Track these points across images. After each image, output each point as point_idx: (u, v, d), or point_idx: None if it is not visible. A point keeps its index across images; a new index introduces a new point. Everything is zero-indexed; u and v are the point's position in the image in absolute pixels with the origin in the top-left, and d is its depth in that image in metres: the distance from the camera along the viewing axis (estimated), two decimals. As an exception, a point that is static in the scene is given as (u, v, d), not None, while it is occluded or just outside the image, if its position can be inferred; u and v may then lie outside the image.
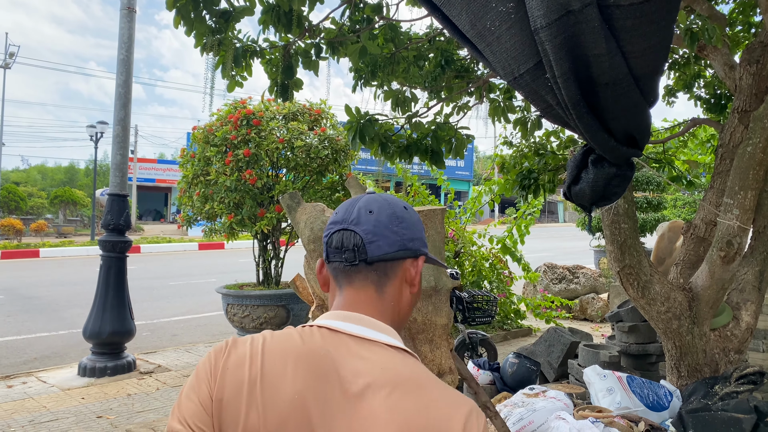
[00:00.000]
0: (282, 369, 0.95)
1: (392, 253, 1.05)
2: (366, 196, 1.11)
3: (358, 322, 1.02)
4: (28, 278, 14.20)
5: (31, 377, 6.08)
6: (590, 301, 8.92)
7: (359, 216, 1.06)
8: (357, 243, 1.05)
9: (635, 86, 2.02)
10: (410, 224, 1.09)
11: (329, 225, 1.10)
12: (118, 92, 6.30)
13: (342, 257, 1.06)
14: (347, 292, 1.07)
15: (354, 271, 1.06)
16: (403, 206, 1.11)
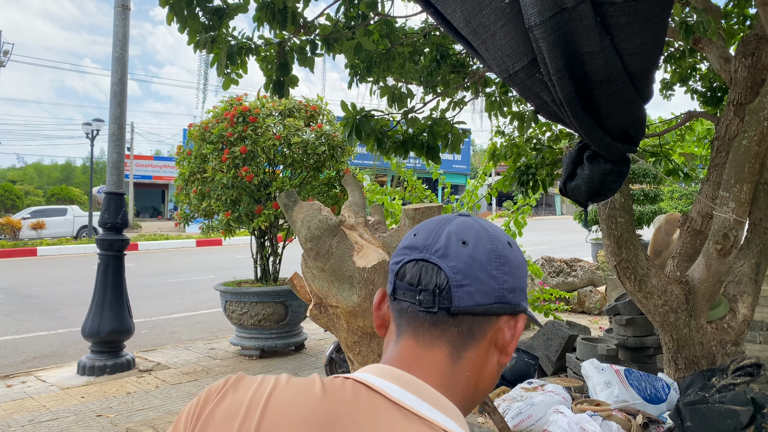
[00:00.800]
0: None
1: (486, 306, 0.78)
2: (459, 219, 0.84)
3: (411, 388, 0.74)
4: (26, 277, 14.19)
5: (31, 376, 6.09)
6: (588, 294, 8.94)
7: (448, 246, 0.79)
8: (440, 284, 0.78)
9: (630, 83, 2.02)
10: (514, 268, 0.82)
11: (403, 249, 0.83)
12: (113, 90, 6.29)
13: (416, 298, 0.79)
14: (409, 344, 0.79)
15: (428, 321, 0.78)
16: (507, 242, 0.83)
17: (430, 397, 0.74)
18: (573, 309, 9.04)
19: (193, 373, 6.17)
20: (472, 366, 0.80)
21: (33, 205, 32.03)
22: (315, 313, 2.25)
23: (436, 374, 0.77)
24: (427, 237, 0.81)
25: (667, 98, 6.65)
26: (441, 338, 0.78)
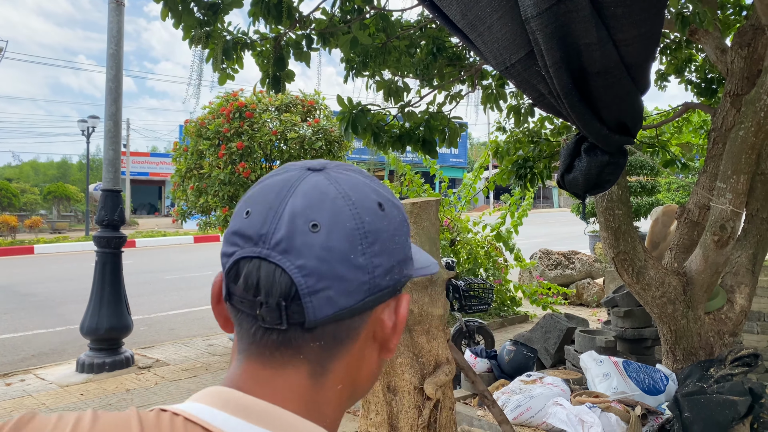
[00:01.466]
0: None
1: (352, 308, 0.58)
2: (306, 185, 0.59)
3: (262, 420, 0.56)
4: (24, 275, 14.16)
5: (30, 374, 6.08)
6: (586, 287, 8.96)
7: (293, 233, 0.56)
8: (286, 293, 0.56)
9: (627, 74, 2.02)
10: (388, 239, 0.60)
11: (232, 235, 0.60)
12: (108, 87, 6.26)
13: (255, 311, 0.57)
14: (253, 367, 0.60)
15: (275, 341, 0.58)
16: (378, 203, 0.61)
17: (286, 425, 0.56)
18: (571, 301, 9.06)
19: (192, 369, 6.17)
20: (345, 377, 0.62)
21: (29, 203, 31.95)
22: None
23: (293, 398, 0.58)
24: (264, 219, 0.57)
25: (662, 89, 6.65)
26: (296, 357, 0.58)
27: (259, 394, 0.58)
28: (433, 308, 2.21)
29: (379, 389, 2.18)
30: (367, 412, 2.26)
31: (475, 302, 5.90)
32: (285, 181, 0.60)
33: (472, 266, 7.66)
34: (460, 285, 5.86)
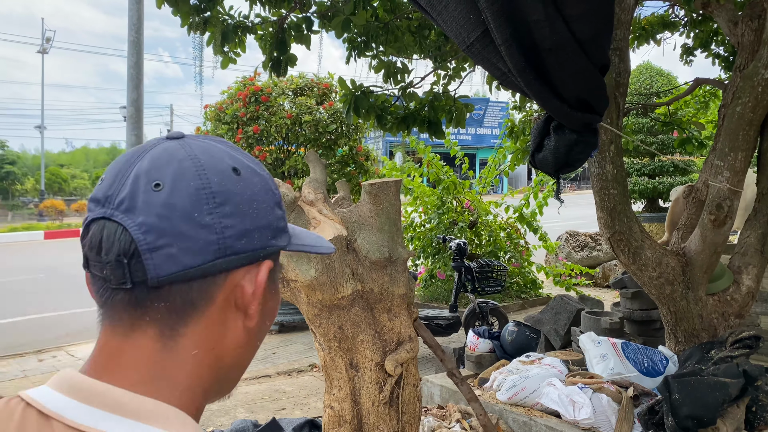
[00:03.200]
0: None
1: (202, 267, 0.58)
2: (157, 150, 0.60)
3: (101, 402, 0.56)
4: (69, 257, 14.74)
5: (61, 351, 6.38)
6: (612, 268, 8.80)
7: (135, 192, 0.57)
8: (126, 250, 0.56)
9: (580, 50, 1.99)
10: (243, 203, 0.60)
11: (89, 203, 0.61)
12: (129, 74, 6.43)
13: (102, 272, 0.58)
14: (106, 333, 0.60)
15: (123, 300, 0.58)
16: (233, 167, 0.61)
17: (117, 405, 0.55)
18: (597, 283, 8.92)
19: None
20: (202, 342, 0.60)
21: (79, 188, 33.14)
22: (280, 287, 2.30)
23: (138, 366, 0.58)
24: (112, 182, 0.58)
25: (688, 63, 6.43)
26: (143, 318, 0.58)
27: (107, 369, 0.58)
28: (393, 287, 2.24)
29: (341, 365, 2.23)
30: (330, 387, 2.31)
31: (489, 284, 5.89)
32: (138, 148, 0.61)
33: (492, 248, 7.62)
34: (472, 267, 5.85)
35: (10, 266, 13.22)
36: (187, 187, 0.57)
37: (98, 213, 0.58)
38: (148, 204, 0.56)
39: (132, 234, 0.56)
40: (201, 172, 0.58)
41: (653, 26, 6.08)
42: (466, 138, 39.64)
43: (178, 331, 0.59)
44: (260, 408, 4.53)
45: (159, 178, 0.57)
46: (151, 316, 0.58)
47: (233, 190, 0.59)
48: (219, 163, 0.60)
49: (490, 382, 3.90)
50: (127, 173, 0.58)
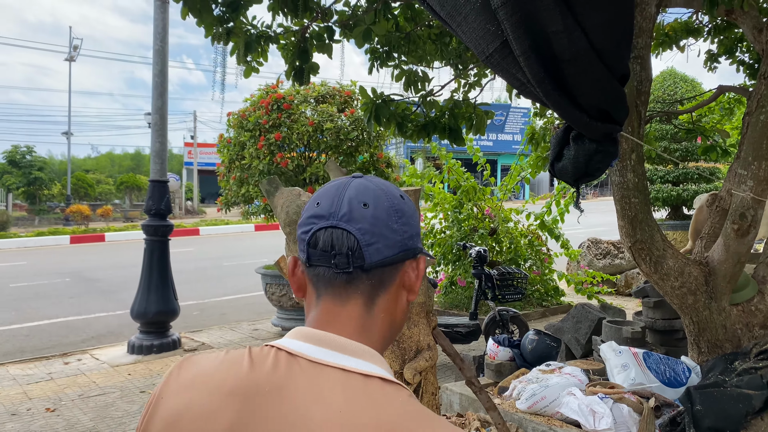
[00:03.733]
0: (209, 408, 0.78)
1: (393, 257, 0.86)
2: (355, 183, 0.89)
3: (324, 343, 0.82)
4: (93, 261, 14.99)
5: (86, 354, 6.49)
6: (635, 276, 8.71)
7: (352, 210, 0.85)
8: (352, 246, 0.83)
9: (598, 61, 1.99)
10: (409, 217, 0.90)
11: (309, 219, 0.87)
12: (154, 82, 6.54)
13: (331, 262, 0.84)
14: (327, 305, 0.86)
15: (344, 281, 0.85)
16: (400, 195, 0.91)
17: (341, 347, 0.82)
18: (619, 291, 8.83)
19: (234, 352, 6.42)
20: (386, 308, 0.88)
21: (104, 193, 33.64)
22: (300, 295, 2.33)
23: (352, 324, 0.85)
24: (331, 204, 0.86)
25: (712, 70, 6.36)
26: (356, 292, 0.85)
27: (329, 327, 0.84)
28: (412, 296, 2.25)
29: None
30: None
31: (509, 291, 5.87)
32: (340, 183, 0.90)
33: (513, 256, 7.59)
34: (493, 274, 5.83)
35: (37, 270, 13.48)
36: (383, 206, 0.87)
37: (325, 224, 0.85)
38: (362, 217, 0.84)
39: (355, 236, 0.84)
40: (387, 197, 0.88)
41: (677, 32, 6.02)
42: (488, 144, 39.55)
43: (374, 302, 0.87)
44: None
45: (365, 200, 0.86)
46: (361, 290, 0.86)
47: (404, 208, 0.89)
48: (393, 190, 0.91)
49: (510, 390, 3.89)
50: (341, 197, 0.86)
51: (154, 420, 0.82)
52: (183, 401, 0.80)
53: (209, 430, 0.77)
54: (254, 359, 0.81)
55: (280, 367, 0.79)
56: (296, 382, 0.77)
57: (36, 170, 30.67)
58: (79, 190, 31.55)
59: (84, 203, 28.60)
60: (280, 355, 0.80)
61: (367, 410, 0.74)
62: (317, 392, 0.76)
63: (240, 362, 0.81)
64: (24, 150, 31.20)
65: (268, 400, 0.76)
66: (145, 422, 0.84)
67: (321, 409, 0.74)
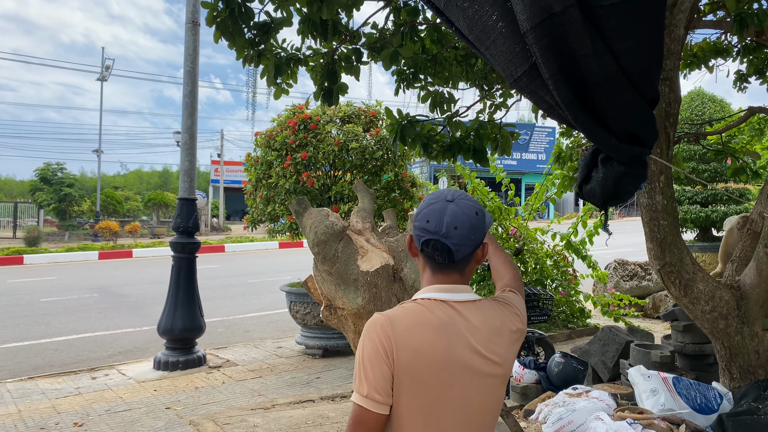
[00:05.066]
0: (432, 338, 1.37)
1: (470, 254, 1.46)
2: (450, 208, 1.44)
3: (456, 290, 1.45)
4: (121, 277, 15.20)
5: (113, 370, 6.57)
6: (663, 299, 8.56)
7: (448, 231, 1.41)
8: (447, 251, 1.42)
9: (628, 84, 1.99)
10: (480, 229, 1.46)
11: (422, 230, 1.45)
12: (185, 102, 6.68)
13: (435, 256, 1.44)
14: (439, 275, 1.47)
15: (445, 265, 1.45)
16: (475, 212, 1.46)
17: (461, 290, 1.47)
18: (647, 314, 8.68)
19: (258, 370, 6.45)
20: (469, 273, 1.51)
21: (132, 210, 34.16)
22: (326, 314, 2.34)
23: (457, 281, 1.47)
24: (436, 225, 1.43)
25: (742, 90, 6.29)
26: (454, 270, 1.47)
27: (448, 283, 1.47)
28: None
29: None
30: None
31: (535, 313, 5.81)
32: (440, 208, 1.46)
33: (538, 276, 7.53)
34: (518, 295, 5.78)
35: (67, 285, 13.72)
36: (465, 226, 1.44)
37: (432, 237, 1.44)
38: (455, 235, 1.42)
39: (450, 246, 1.42)
40: (468, 218, 1.45)
41: (705, 53, 5.98)
42: (512, 163, 39.39)
43: (465, 273, 1.50)
44: (304, 432, 4.57)
45: (456, 224, 1.43)
46: (458, 269, 1.48)
47: (477, 224, 1.46)
48: (472, 213, 1.46)
49: (536, 414, 3.84)
50: (441, 221, 1.43)
51: (403, 353, 1.33)
52: (415, 339, 1.35)
53: (438, 350, 1.35)
54: (430, 308, 1.41)
55: (447, 309, 1.41)
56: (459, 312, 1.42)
57: (66, 187, 31.31)
58: (108, 206, 32.11)
59: (113, 219, 29.07)
60: (438, 303, 1.42)
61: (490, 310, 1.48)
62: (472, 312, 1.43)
63: (425, 312, 1.39)
64: (55, 167, 31.91)
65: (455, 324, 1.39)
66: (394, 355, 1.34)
67: (478, 317, 1.44)
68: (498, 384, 1.45)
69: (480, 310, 1.45)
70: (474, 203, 1.49)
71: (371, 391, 1.33)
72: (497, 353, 1.42)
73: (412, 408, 1.34)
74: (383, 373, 1.34)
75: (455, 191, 1.51)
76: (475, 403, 1.41)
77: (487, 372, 1.41)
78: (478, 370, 1.39)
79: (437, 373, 1.35)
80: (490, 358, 1.41)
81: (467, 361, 1.38)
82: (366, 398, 1.33)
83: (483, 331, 1.42)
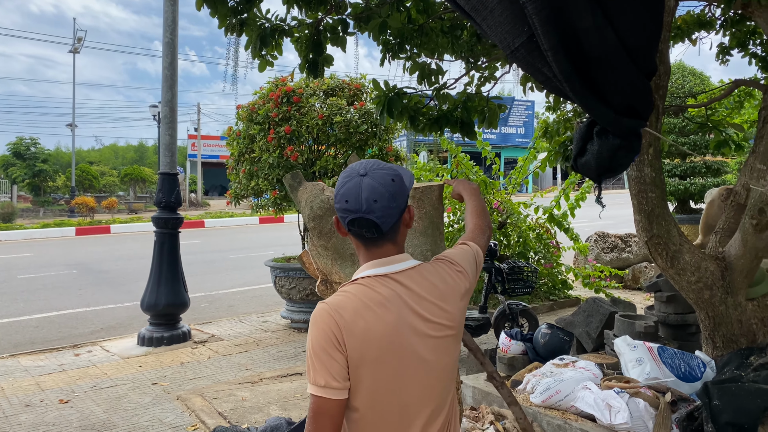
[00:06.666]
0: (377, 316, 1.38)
1: (397, 221, 1.45)
2: (365, 183, 1.41)
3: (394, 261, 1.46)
4: (100, 253, 15.02)
5: (96, 346, 6.51)
6: (643, 270, 8.70)
7: (369, 206, 1.39)
8: (374, 226, 1.41)
9: (628, 59, 1.98)
10: (400, 195, 1.44)
11: (344, 211, 1.42)
12: (164, 74, 6.53)
13: (364, 233, 1.43)
14: (374, 249, 1.46)
15: (375, 239, 1.44)
16: (392, 179, 1.43)
17: (400, 259, 1.47)
18: (627, 285, 8.82)
19: (244, 344, 6.44)
20: (402, 238, 1.51)
21: (108, 185, 33.65)
22: (322, 288, 2.33)
23: (393, 251, 1.47)
24: (355, 203, 1.41)
25: (724, 63, 6.32)
26: (384, 240, 1.45)
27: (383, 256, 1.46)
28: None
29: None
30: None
31: (519, 285, 5.87)
32: (355, 184, 1.42)
33: (521, 249, 7.59)
34: (503, 268, 5.83)
35: (44, 261, 13.52)
36: (386, 197, 1.41)
37: (354, 216, 1.42)
38: (376, 209, 1.40)
39: (374, 220, 1.40)
40: (386, 188, 1.42)
41: (689, 25, 5.98)
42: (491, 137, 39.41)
43: (396, 240, 1.48)
44: (293, 406, 4.58)
45: (375, 197, 1.40)
46: (388, 238, 1.46)
47: (397, 191, 1.44)
48: (386, 179, 1.43)
49: (524, 384, 3.89)
50: (360, 198, 1.40)
51: (353, 338, 1.34)
52: (362, 321, 1.35)
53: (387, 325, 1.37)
54: (371, 285, 1.41)
55: (388, 282, 1.42)
56: (400, 283, 1.43)
57: (40, 162, 30.68)
58: (84, 182, 31.57)
59: (88, 195, 28.61)
60: (379, 279, 1.42)
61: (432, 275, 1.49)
62: (413, 279, 1.45)
63: (368, 292, 1.39)
64: (29, 142, 31.21)
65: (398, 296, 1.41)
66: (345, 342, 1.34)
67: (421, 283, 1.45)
68: (451, 343, 1.48)
69: (422, 275, 1.47)
70: (388, 170, 1.45)
71: (329, 380, 1.32)
72: (445, 316, 1.45)
73: (370, 387, 1.37)
74: (337, 360, 1.34)
75: (367, 163, 1.47)
76: (432, 366, 1.44)
77: (439, 335, 1.44)
78: (430, 335, 1.42)
79: (390, 348, 1.37)
80: (439, 323, 1.44)
81: (418, 328, 1.41)
82: (324, 388, 1.33)
83: (427, 298, 1.44)
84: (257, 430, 3.89)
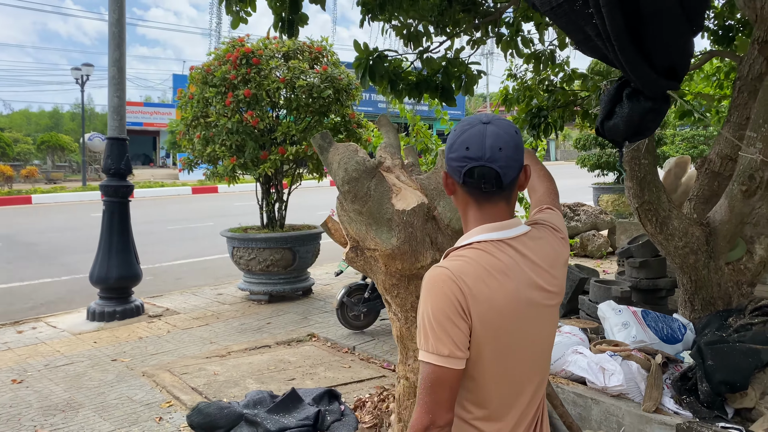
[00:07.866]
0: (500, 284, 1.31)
1: (515, 177, 1.36)
2: (489, 130, 1.32)
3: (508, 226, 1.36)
4: (24, 225, 14.10)
5: (40, 322, 6.11)
6: (591, 238, 8.98)
7: (493, 154, 1.30)
8: (495, 176, 1.31)
9: (683, 14, 1.93)
10: (522, 148, 1.37)
11: (462, 159, 1.32)
12: (111, 32, 6.08)
13: (482, 186, 1.32)
14: (487, 207, 1.36)
15: (492, 193, 1.34)
16: (515, 131, 1.36)
17: (512, 225, 1.37)
18: (576, 253, 9.09)
19: (203, 318, 6.20)
20: (514, 200, 1.42)
21: (23, 153, 31.60)
22: (351, 256, 2.21)
23: (505, 214, 1.37)
24: (478, 149, 1.31)
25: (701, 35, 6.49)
26: (501, 198, 1.36)
27: (495, 218, 1.36)
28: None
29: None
30: (405, 358, 2.25)
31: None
32: (479, 131, 1.34)
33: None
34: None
35: (-38, 234, 12.57)
36: (511, 147, 1.33)
37: (476, 164, 1.32)
38: (500, 158, 1.31)
39: (497, 171, 1.32)
40: (512, 138, 1.34)
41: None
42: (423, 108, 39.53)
43: (510, 199, 1.40)
44: (269, 378, 4.45)
45: (500, 145, 1.32)
46: (504, 196, 1.37)
47: (519, 143, 1.36)
48: (511, 129, 1.36)
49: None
50: (484, 145, 1.32)
51: (477, 305, 1.27)
52: (486, 289, 1.28)
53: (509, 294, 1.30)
54: (491, 252, 1.32)
55: (505, 248, 1.34)
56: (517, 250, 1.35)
57: (-55, 128, 28.37)
58: (-4, 149, 29.48)
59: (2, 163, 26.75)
60: (497, 244, 1.33)
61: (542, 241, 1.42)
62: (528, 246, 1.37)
63: (489, 258, 1.31)
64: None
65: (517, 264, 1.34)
66: (470, 310, 1.26)
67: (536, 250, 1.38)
68: (556, 312, 1.46)
69: (534, 241, 1.40)
70: (510, 123, 1.38)
71: (453, 349, 1.24)
72: (555, 284, 1.41)
73: (489, 356, 1.31)
74: (462, 328, 1.26)
75: (488, 114, 1.40)
76: (542, 336, 1.41)
77: (549, 304, 1.40)
78: (543, 304, 1.38)
79: (510, 317, 1.31)
80: (550, 290, 1.39)
81: (533, 298, 1.35)
82: (448, 357, 1.24)
83: (541, 265, 1.38)
84: (239, 404, 3.75)
